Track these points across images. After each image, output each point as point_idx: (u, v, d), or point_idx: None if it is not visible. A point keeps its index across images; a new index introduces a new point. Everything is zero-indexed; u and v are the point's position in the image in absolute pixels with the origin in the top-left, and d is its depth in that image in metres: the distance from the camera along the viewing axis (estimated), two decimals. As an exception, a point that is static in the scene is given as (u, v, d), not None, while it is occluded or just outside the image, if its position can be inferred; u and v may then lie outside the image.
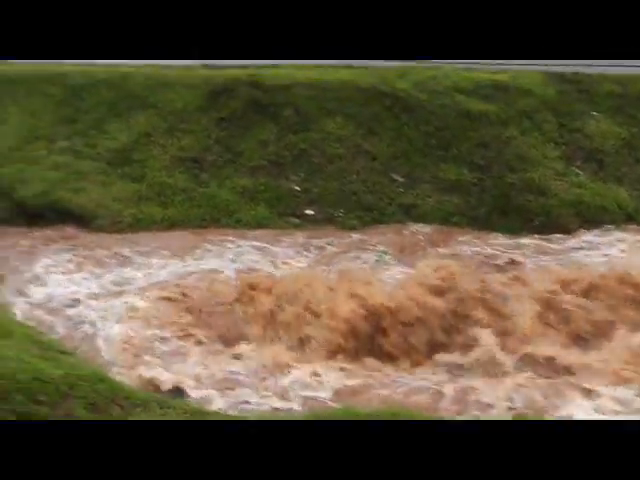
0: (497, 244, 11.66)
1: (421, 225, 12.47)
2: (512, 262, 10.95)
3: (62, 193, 13.26)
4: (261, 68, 14.61)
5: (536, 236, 12.10)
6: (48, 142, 14.23)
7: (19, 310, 9.83)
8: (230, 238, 12.10)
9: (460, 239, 11.86)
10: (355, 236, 12.20)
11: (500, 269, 10.79)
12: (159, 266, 11.07)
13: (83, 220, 12.90)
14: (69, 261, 11.56)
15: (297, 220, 12.72)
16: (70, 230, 12.75)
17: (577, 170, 13.14)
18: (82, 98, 14.54)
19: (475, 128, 13.55)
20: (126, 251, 11.75)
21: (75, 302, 10.28)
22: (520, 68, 14.06)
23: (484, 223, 12.45)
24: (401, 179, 13.05)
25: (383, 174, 13.20)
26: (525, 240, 11.96)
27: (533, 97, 14.07)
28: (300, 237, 12.10)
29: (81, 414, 4.95)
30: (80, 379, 5.52)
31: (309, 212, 12.75)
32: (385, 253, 11.44)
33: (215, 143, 13.87)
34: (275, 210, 12.88)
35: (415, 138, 13.48)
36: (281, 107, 14.00)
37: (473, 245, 11.54)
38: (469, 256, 11.13)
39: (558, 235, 12.06)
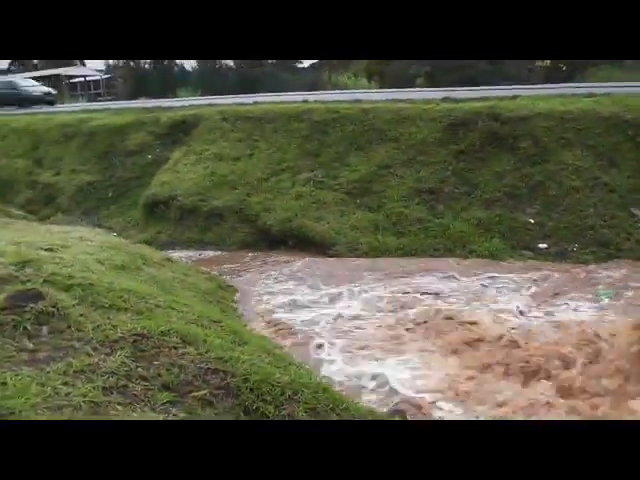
0: None
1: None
2: None
3: (303, 221, 17.68)
4: (501, 100, 17.55)
5: None
6: (293, 174, 18.62)
7: (257, 323, 12.60)
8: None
9: None
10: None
11: None
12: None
13: (322, 247, 17.05)
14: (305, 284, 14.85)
15: (530, 253, 15.55)
16: (308, 255, 16.68)
17: None
18: (326, 133, 18.59)
19: None
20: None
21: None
22: None
23: None
24: (641, 213, 15.25)
25: (622, 208, 15.94)
26: None
27: None
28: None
29: (302, 417, 5.97)
30: (304, 386, 6.51)
31: (542, 246, 15.37)
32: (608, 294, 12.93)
33: (452, 175, 17.47)
34: (509, 243, 15.78)
35: (658, 169, 15.65)
36: (519, 139, 17.48)
37: None
38: None
39: None
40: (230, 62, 78.28)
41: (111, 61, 75.56)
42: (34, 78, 52.11)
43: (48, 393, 4.69)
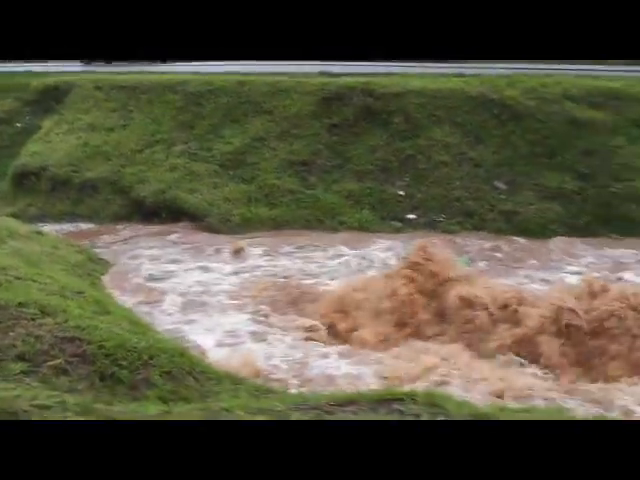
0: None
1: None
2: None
3: (177, 193, 17.58)
4: (374, 76, 18.11)
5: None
6: (167, 146, 18.56)
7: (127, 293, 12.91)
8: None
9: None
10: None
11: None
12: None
13: (195, 218, 17.02)
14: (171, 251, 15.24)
15: (399, 224, 16.05)
16: (181, 227, 16.75)
17: (686, 181, 15.74)
18: (201, 104, 18.64)
19: (582, 136, 16.86)
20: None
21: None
22: (635, 75, 16.71)
23: (584, 232, 15.16)
24: (504, 186, 16.36)
25: (486, 181, 16.78)
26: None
27: None
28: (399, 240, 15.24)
29: (157, 381, 6.19)
30: (161, 351, 6.70)
31: (411, 216, 15.95)
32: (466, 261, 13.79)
33: (325, 148, 17.80)
34: (378, 214, 16.21)
35: (520, 146, 16.90)
36: (392, 114, 18.01)
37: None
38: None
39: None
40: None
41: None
42: None
43: None
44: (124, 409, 4.81)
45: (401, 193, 16.80)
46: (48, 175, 18.87)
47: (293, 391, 8.64)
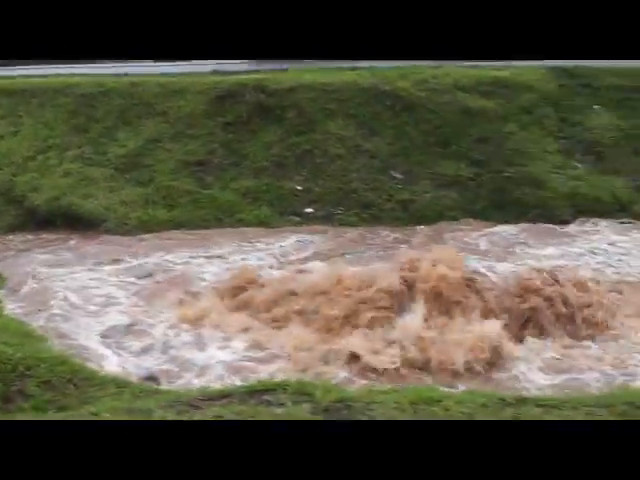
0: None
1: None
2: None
3: (72, 199, 17.10)
4: (267, 73, 18.03)
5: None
6: (60, 151, 18.23)
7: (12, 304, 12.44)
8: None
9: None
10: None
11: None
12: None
13: (91, 224, 16.61)
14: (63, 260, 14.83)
15: (298, 218, 15.99)
16: (77, 233, 16.32)
17: (576, 163, 16.40)
18: (93, 107, 18.31)
19: (475, 124, 17.08)
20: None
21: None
22: (521, 64, 17.14)
23: (481, 216, 15.39)
24: (400, 176, 16.48)
25: (382, 172, 16.90)
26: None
27: (534, 92, 17.70)
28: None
29: (34, 391, 6.36)
30: (40, 361, 6.84)
31: (309, 210, 15.96)
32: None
33: (220, 147, 17.68)
34: (277, 210, 16.14)
35: (415, 136, 17.09)
36: (285, 110, 17.92)
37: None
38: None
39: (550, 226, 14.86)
40: None
41: None
42: None
43: None
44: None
45: (298, 188, 16.75)
46: None
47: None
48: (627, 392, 6.14)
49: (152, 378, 9.41)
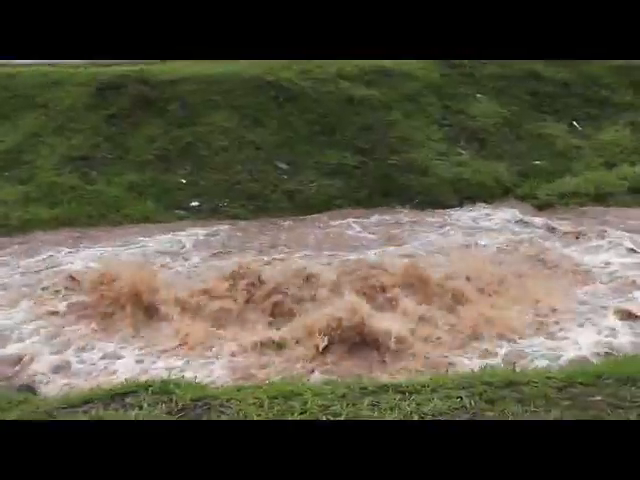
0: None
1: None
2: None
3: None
4: (149, 64, 17.78)
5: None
6: None
7: None
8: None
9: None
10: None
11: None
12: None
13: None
14: None
15: (184, 212, 15.75)
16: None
17: (460, 149, 16.67)
18: (-33, 101, 17.58)
19: (359, 113, 17.16)
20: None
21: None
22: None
23: (366, 204, 15.46)
24: (285, 166, 16.48)
25: (268, 163, 16.86)
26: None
27: (417, 81, 17.91)
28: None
29: None
30: None
31: (194, 204, 15.80)
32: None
33: (104, 140, 17.39)
34: (162, 204, 15.87)
35: (299, 126, 17.06)
36: (168, 102, 17.75)
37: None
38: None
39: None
40: None
41: None
42: None
43: None
44: None
45: (183, 181, 16.56)
46: None
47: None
48: (486, 373, 6.21)
49: (28, 387, 9.09)
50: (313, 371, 9.45)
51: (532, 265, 12.66)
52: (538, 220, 14.95)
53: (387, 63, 18.23)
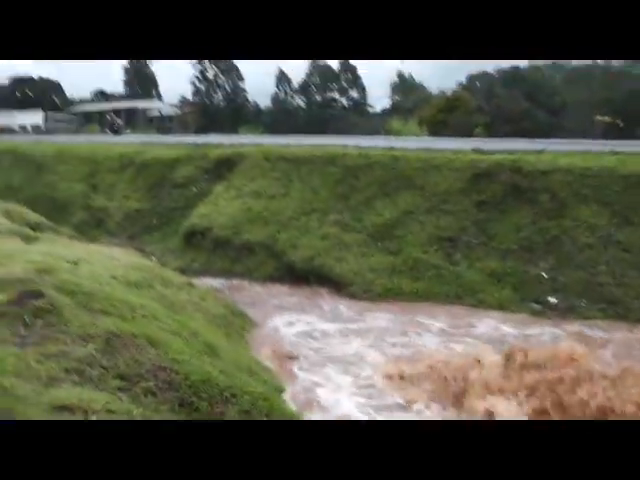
0: None
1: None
2: None
3: (325, 260, 18.86)
4: (525, 153, 18.60)
5: None
6: (322, 215, 20.06)
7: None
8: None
9: None
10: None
11: None
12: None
13: (339, 286, 18.11)
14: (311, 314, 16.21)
15: (539, 306, 16.29)
16: (323, 292, 17.89)
17: None
18: (357, 177, 20.00)
19: None
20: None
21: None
22: None
23: None
24: (653, 274, 15.94)
25: (634, 267, 16.49)
26: None
27: None
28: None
29: (233, 417, 6.74)
30: (246, 393, 7.33)
31: (552, 300, 16.09)
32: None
33: (472, 225, 18.61)
34: (519, 294, 16.64)
35: (677, 230, 16.75)
36: (538, 192, 18.48)
37: None
38: None
39: None
40: (301, 102, 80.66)
41: (186, 96, 79.35)
42: (113, 111, 55.11)
43: (20, 366, 5.99)
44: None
45: (544, 275, 17.00)
46: (212, 235, 21.09)
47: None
48: None
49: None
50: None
51: None
52: None
53: None
